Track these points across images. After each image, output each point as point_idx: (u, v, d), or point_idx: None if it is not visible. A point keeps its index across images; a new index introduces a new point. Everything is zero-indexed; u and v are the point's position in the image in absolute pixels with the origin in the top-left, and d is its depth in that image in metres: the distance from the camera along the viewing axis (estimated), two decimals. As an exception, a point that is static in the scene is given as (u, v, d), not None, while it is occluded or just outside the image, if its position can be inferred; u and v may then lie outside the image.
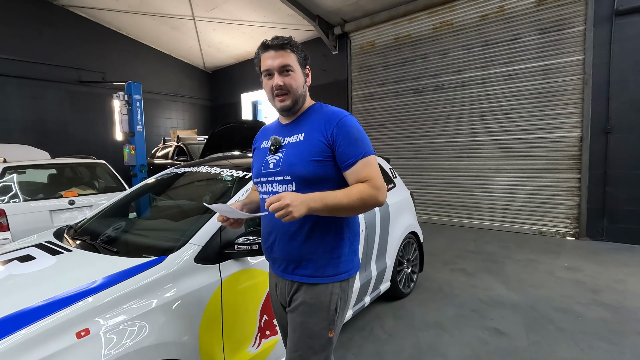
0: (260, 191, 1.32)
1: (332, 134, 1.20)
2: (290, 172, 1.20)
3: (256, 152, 1.40)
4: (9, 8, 7.79)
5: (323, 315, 1.21)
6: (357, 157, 1.17)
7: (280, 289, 1.32)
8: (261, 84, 1.29)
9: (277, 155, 1.25)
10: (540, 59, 5.46)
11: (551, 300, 3.21)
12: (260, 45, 1.23)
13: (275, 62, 1.19)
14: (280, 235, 1.25)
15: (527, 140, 5.67)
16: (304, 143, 1.22)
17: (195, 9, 8.25)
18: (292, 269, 1.26)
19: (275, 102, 1.24)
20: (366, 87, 7.71)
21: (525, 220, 5.79)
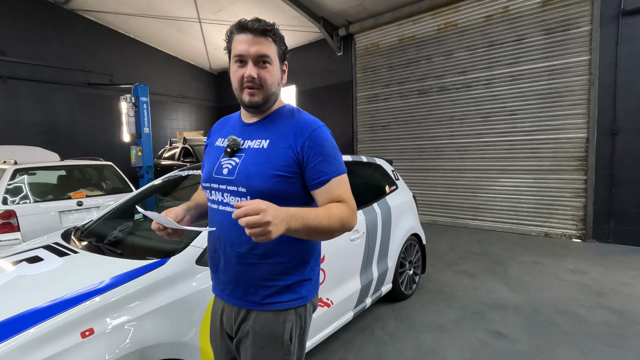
0: (209, 198, 1.11)
1: (302, 146, 1.03)
2: (246, 184, 1.01)
3: (209, 149, 1.19)
4: (20, 13, 7.95)
5: (276, 346, 1.05)
6: (331, 174, 1.02)
7: (227, 315, 1.12)
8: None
9: (233, 160, 1.06)
10: (545, 60, 5.42)
11: (555, 303, 3.20)
12: (235, 25, 1.02)
13: (252, 49, 1.00)
14: (229, 255, 1.06)
15: (532, 142, 5.63)
16: (267, 152, 1.03)
17: (201, 11, 8.34)
18: (240, 293, 1.07)
19: (242, 94, 1.04)
20: (371, 88, 7.72)
21: (530, 222, 5.75)
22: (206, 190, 1.12)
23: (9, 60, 7.81)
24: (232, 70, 1.05)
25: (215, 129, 1.23)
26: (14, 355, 1.16)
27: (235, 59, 1.02)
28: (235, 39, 1.02)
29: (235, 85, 1.05)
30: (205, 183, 1.11)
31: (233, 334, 1.11)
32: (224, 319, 1.13)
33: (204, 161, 1.20)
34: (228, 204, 1.05)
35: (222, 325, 1.14)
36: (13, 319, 1.27)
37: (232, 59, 1.04)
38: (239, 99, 1.07)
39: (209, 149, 1.19)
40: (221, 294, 1.13)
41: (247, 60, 1.01)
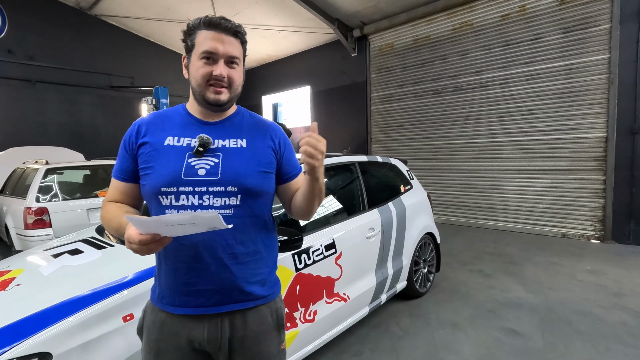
0: (172, 205, 0.98)
1: (279, 144, 1.11)
2: (237, 182, 1.00)
3: (153, 149, 1.02)
4: (49, 20, 8.32)
5: (273, 335, 1.09)
6: (300, 166, 1.12)
7: (208, 330, 1.01)
8: (281, 86, 1.18)
9: (210, 160, 1.01)
10: (563, 59, 5.36)
11: (570, 303, 3.20)
12: (203, 20, 1.00)
13: (224, 48, 0.99)
14: (220, 259, 1.00)
15: (549, 141, 5.58)
16: (248, 151, 1.05)
17: (218, 14, 8.47)
18: (234, 297, 1.03)
19: (208, 91, 1.00)
20: (385, 88, 7.76)
21: (547, 223, 5.69)
22: (166, 196, 0.97)
23: (38, 65, 8.19)
24: (196, 65, 1.00)
25: (153, 127, 1.05)
26: (65, 336, 1.29)
27: (202, 55, 0.99)
28: (203, 35, 0.99)
29: (200, 82, 1.00)
30: (168, 187, 0.97)
31: (217, 346, 1.02)
32: (206, 337, 1.01)
33: (146, 161, 1.01)
34: (211, 206, 0.98)
35: (190, 344, 1.01)
36: (62, 304, 1.41)
37: (197, 54, 0.99)
38: (198, 95, 1.02)
39: (157, 149, 1.01)
40: (197, 309, 1.01)
41: (217, 59, 0.99)
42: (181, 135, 1.03)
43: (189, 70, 1.03)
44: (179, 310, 1.02)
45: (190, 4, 8.22)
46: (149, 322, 1.07)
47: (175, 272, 1.01)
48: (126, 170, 1.06)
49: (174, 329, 1.02)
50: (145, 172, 1.01)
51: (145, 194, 1.03)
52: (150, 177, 0.99)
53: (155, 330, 1.04)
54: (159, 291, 1.06)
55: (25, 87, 8.08)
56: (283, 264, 1.99)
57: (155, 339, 1.03)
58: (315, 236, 2.24)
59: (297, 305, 2.07)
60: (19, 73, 7.98)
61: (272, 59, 10.58)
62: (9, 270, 1.82)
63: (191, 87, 1.04)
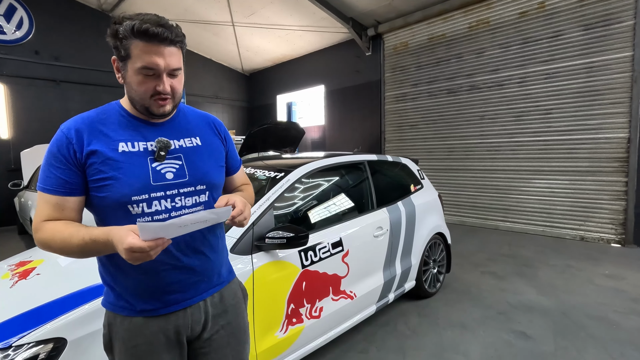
0: (145, 212, 0.95)
1: (225, 139, 1.19)
2: (204, 181, 1.05)
3: (106, 157, 0.94)
4: (73, 22, 8.62)
5: (244, 307, 1.21)
6: (240, 160, 1.26)
7: (193, 318, 1.05)
8: (296, 86, 1.22)
9: (174, 163, 1.01)
10: (583, 56, 5.20)
11: (586, 307, 3.12)
12: (136, 29, 0.88)
13: (167, 62, 0.93)
14: (201, 252, 1.06)
15: (568, 142, 5.43)
16: (205, 148, 1.09)
17: (234, 15, 8.66)
18: (213, 282, 1.11)
19: (152, 105, 0.97)
20: (399, 87, 7.70)
21: (565, 225, 5.54)
22: (137, 204, 0.94)
23: (62, 66, 8.50)
24: (136, 80, 0.93)
25: (93, 132, 0.96)
26: (79, 323, 1.36)
27: (141, 70, 0.92)
28: (139, 47, 0.90)
29: (142, 96, 0.95)
30: (139, 195, 0.94)
31: (199, 330, 1.07)
32: (189, 322, 1.05)
33: (107, 172, 0.93)
34: (183, 206, 1.01)
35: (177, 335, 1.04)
36: (78, 293, 1.49)
37: (135, 68, 0.92)
38: (140, 107, 0.98)
39: (110, 157, 0.94)
40: (184, 303, 1.03)
41: (159, 74, 0.94)
42: (133, 140, 0.99)
43: (125, 79, 0.96)
44: (163, 311, 1.01)
45: (207, 4, 8.37)
46: (120, 332, 1.01)
47: (158, 275, 0.99)
48: (71, 183, 0.93)
49: (156, 327, 1.01)
50: (104, 183, 0.93)
51: (106, 205, 0.94)
52: (114, 187, 0.92)
53: (132, 337, 1.00)
54: (130, 300, 1.00)
55: (50, 87, 8.40)
56: (289, 260, 2.02)
57: (135, 345, 1.00)
58: (322, 234, 2.27)
59: (303, 301, 2.10)
60: (45, 73, 8.30)
61: (287, 59, 10.65)
62: (30, 261, 1.93)
63: (129, 94, 0.99)
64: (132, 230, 0.82)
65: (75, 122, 0.97)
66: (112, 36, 0.93)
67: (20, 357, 1.25)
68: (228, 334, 1.12)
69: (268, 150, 5.31)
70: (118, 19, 0.92)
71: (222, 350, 1.11)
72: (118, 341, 1.02)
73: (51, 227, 0.92)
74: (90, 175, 0.94)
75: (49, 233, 0.91)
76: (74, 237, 0.88)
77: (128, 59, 0.92)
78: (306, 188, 2.49)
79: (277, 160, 2.79)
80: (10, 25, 7.79)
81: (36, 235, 0.93)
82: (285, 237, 1.84)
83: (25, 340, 1.29)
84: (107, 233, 0.85)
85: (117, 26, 0.91)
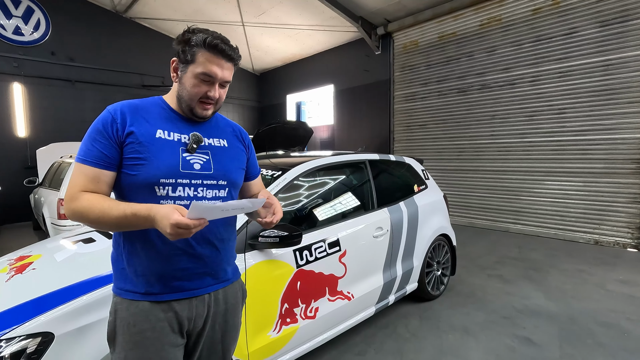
0: (169, 195, 1.03)
1: (248, 147, 1.30)
2: (226, 177, 1.15)
3: (144, 139, 1.03)
4: (88, 23, 8.82)
5: (240, 308, 1.26)
6: (259, 169, 1.38)
7: (197, 310, 1.10)
8: (305, 85, 1.30)
9: (202, 156, 1.11)
10: (599, 54, 5.03)
11: (595, 313, 3.01)
12: (208, 42, 1.03)
13: (224, 74, 1.09)
14: (212, 244, 1.12)
15: (583, 142, 5.26)
16: (230, 150, 1.20)
17: (244, 15, 8.71)
18: (216, 279, 1.15)
19: (197, 107, 1.10)
20: (408, 87, 7.61)
21: (578, 228, 5.37)
22: (164, 187, 1.03)
23: (77, 66, 8.71)
24: (192, 83, 1.06)
25: (135, 116, 1.06)
26: (67, 318, 1.37)
27: (203, 77, 1.06)
28: (205, 56, 1.05)
29: (193, 98, 1.08)
30: (166, 179, 1.03)
31: (201, 325, 1.11)
32: (193, 314, 1.09)
33: (142, 153, 1.02)
34: (204, 197, 1.09)
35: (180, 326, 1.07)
36: (68, 288, 1.50)
37: (195, 72, 1.05)
38: (185, 106, 1.10)
39: (147, 140, 1.03)
40: (189, 292, 1.08)
41: (214, 82, 1.08)
42: (170, 130, 1.09)
43: (181, 80, 1.09)
44: (168, 296, 1.05)
45: (218, 5, 8.44)
46: (126, 317, 1.04)
47: (169, 260, 1.05)
48: (109, 157, 1.01)
49: (162, 315, 1.04)
50: (137, 162, 1.01)
51: (134, 183, 1.02)
52: (146, 167, 1.01)
53: (138, 322, 1.03)
54: (138, 282, 1.05)
55: (65, 87, 8.61)
56: (284, 259, 2.00)
57: (140, 331, 1.03)
58: (319, 233, 2.24)
59: (298, 301, 2.08)
60: (61, 73, 8.51)
61: (297, 58, 10.66)
62: (29, 255, 1.96)
63: (179, 93, 1.11)
64: (176, 209, 0.90)
65: (122, 105, 1.08)
66: (184, 41, 1.07)
67: (8, 350, 1.27)
68: (222, 332, 1.18)
69: (276, 149, 5.32)
70: (191, 29, 1.08)
71: (215, 346, 1.17)
72: (122, 327, 1.04)
73: (89, 197, 0.98)
74: (126, 154, 1.02)
75: (87, 203, 0.97)
76: (113, 209, 0.95)
77: (191, 63, 1.06)
78: (304, 187, 2.47)
79: (275, 159, 2.77)
80: (28, 26, 8.02)
81: (71, 204, 0.98)
82: (278, 236, 1.82)
83: (16, 333, 1.31)
84: (149, 209, 0.93)
85: (190, 35, 1.06)
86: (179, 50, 1.08)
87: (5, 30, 7.75)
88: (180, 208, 0.91)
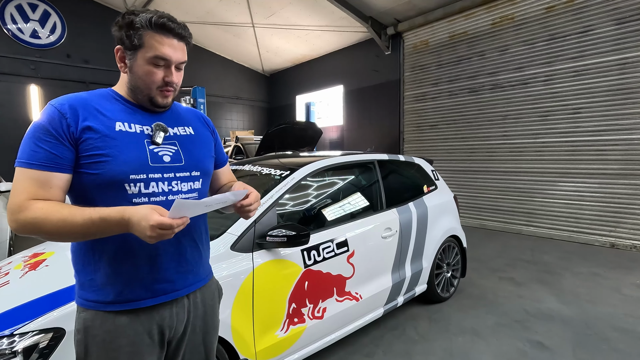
0: (142, 192, 0.95)
1: (213, 133, 1.23)
2: (199, 167, 1.09)
3: (103, 134, 0.93)
4: (101, 25, 9.00)
5: (218, 307, 1.21)
6: (226, 157, 1.31)
7: (177, 316, 1.04)
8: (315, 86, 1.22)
9: (171, 147, 1.03)
10: (616, 52, 4.91)
11: (611, 318, 2.93)
12: (154, 21, 0.94)
13: (178, 55, 0.99)
14: (188, 243, 1.06)
15: (598, 143, 5.13)
16: (198, 138, 1.13)
17: (254, 16, 8.77)
18: (199, 276, 1.11)
19: (157, 95, 1.00)
20: (419, 87, 7.55)
21: (593, 231, 5.24)
22: (134, 184, 0.94)
23: (91, 68, 8.90)
24: (145, 70, 0.97)
25: (87, 110, 0.94)
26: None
27: (153, 60, 0.96)
28: (154, 38, 0.95)
29: (150, 86, 0.99)
30: (138, 174, 0.94)
31: (181, 330, 1.06)
32: (174, 321, 1.03)
33: (103, 149, 0.92)
34: (180, 191, 1.02)
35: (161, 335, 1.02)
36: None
37: (146, 57, 0.96)
38: (143, 96, 1.00)
39: (107, 135, 0.93)
40: (172, 294, 1.02)
41: (169, 65, 0.99)
42: (130, 122, 0.99)
43: (132, 69, 0.98)
44: (151, 301, 0.98)
45: (228, 7, 8.52)
46: (100, 334, 0.95)
47: (150, 261, 0.97)
48: (61, 158, 0.89)
49: (141, 327, 0.97)
50: (99, 160, 0.90)
51: (98, 183, 0.91)
52: (110, 164, 0.90)
53: (114, 338, 0.95)
54: (113, 291, 0.95)
55: (80, 88, 8.75)
56: (291, 259, 2.00)
57: (117, 347, 0.95)
58: (327, 233, 2.23)
59: (306, 301, 2.08)
60: (76, 75, 8.71)
61: (306, 59, 10.68)
62: (43, 253, 2.00)
63: (133, 83, 1.00)
64: (154, 209, 0.83)
65: (68, 98, 0.95)
66: (126, 26, 0.95)
67: (22, 344, 1.30)
68: (204, 334, 1.14)
69: (286, 150, 5.33)
70: (130, 11, 0.96)
71: (197, 348, 1.12)
72: (96, 345, 0.95)
73: (43, 205, 0.85)
74: (84, 152, 0.91)
75: (42, 212, 0.84)
76: (76, 216, 0.84)
77: (140, 48, 0.95)
78: (312, 187, 2.46)
79: (283, 159, 2.78)
80: (45, 30, 8.23)
81: (21, 214, 0.84)
82: (286, 236, 1.82)
83: (29, 328, 1.33)
84: (121, 212, 0.84)
85: (131, 17, 0.95)
86: (122, 36, 0.95)
87: (23, 33, 7.97)
88: (158, 208, 0.84)
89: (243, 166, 2.69)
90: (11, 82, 7.90)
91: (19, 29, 7.90)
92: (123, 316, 0.96)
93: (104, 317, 0.95)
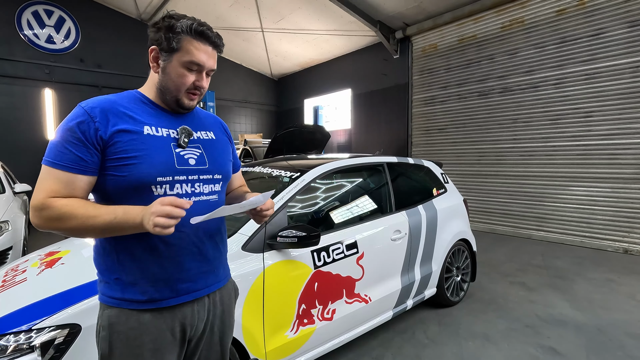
0: (167, 194, 0.98)
1: (229, 139, 1.27)
2: (221, 171, 1.13)
3: (133, 137, 0.96)
4: (114, 31, 9.20)
5: (233, 307, 1.22)
6: (240, 163, 1.36)
7: (199, 315, 1.07)
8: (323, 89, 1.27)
9: (195, 151, 1.07)
10: (629, 55, 4.84)
11: (626, 325, 2.87)
12: (194, 28, 0.98)
13: (210, 62, 1.04)
14: (208, 243, 1.09)
15: (611, 146, 5.06)
16: (218, 142, 1.17)
17: (263, 21, 8.86)
18: (219, 276, 1.14)
19: (184, 97, 1.04)
20: (427, 90, 7.53)
21: (606, 236, 5.15)
22: (161, 185, 0.97)
23: (104, 72, 9.07)
24: (179, 72, 1.00)
25: (117, 114, 0.96)
26: (93, 311, 1.41)
27: (188, 64, 1.00)
28: (192, 44, 0.99)
29: (180, 88, 1.02)
30: (164, 177, 0.97)
31: (202, 329, 1.09)
32: (195, 320, 1.06)
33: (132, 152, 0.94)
34: (202, 193, 1.06)
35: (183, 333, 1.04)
36: (94, 282, 1.55)
37: (182, 61, 0.99)
38: (170, 97, 1.03)
39: (136, 138, 0.96)
40: (194, 294, 1.05)
41: (201, 71, 1.03)
42: (157, 125, 1.02)
43: (165, 69, 1.01)
44: (174, 301, 1.00)
45: (238, 12, 8.63)
46: (124, 331, 0.97)
47: (174, 261, 1.00)
48: (87, 162, 0.91)
49: (164, 324, 0.99)
50: (127, 162, 0.93)
51: (125, 185, 0.94)
52: (139, 167, 0.93)
53: (138, 335, 0.97)
54: (139, 290, 0.97)
55: (93, 92, 8.96)
56: (302, 260, 2.01)
57: (140, 344, 0.97)
58: (337, 235, 2.24)
59: (315, 302, 2.08)
60: (89, 79, 8.89)
61: (315, 63, 10.75)
62: (58, 251, 2.05)
63: (163, 84, 1.03)
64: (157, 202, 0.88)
65: (99, 101, 0.97)
66: (166, 28, 0.98)
67: (39, 339, 1.33)
68: (220, 333, 1.17)
69: (294, 153, 5.36)
70: (169, 15, 1.00)
71: (214, 347, 1.16)
72: (120, 341, 0.97)
73: (67, 202, 0.88)
74: (112, 154, 0.93)
75: (66, 209, 0.86)
76: (102, 212, 0.87)
77: (176, 51, 0.99)
78: (322, 189, 2.47)
79: (294, 161, 2.80)
80: (59, 35, 8.42)
81: (43, 212, 0.87)
82: (296, 236, 1.83)
83: (46, 324, 1.36)
84: (141, 210, 0.88)
85: (172, 20, 0.99)
86: (160, 38, 0.98)
87: (39, 39, 8.16)
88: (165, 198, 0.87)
89: (253, 168, 2.71)
90: (26, 86, 8.08)
91: (35, 34, 8.10)
92: (147, 314, 0.98)
93: (129, 315, 0.98)
